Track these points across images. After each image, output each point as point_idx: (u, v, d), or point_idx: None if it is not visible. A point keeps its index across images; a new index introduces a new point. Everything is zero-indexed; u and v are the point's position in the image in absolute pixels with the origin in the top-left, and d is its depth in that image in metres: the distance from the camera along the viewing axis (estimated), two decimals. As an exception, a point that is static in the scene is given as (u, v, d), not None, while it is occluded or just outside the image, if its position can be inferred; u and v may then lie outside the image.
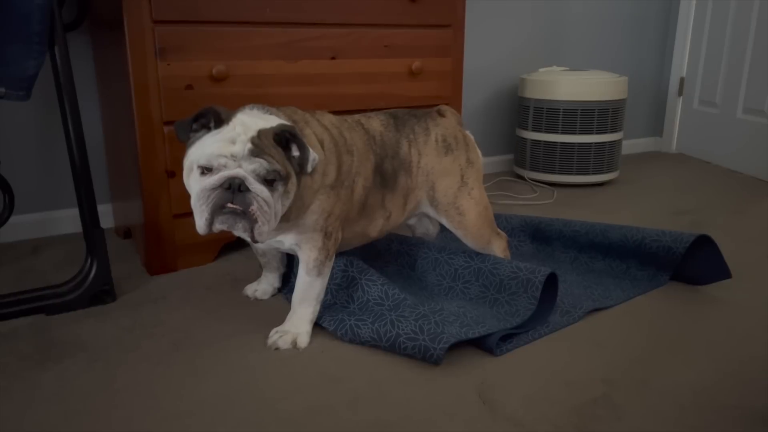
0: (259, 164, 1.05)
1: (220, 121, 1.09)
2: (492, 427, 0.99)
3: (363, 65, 1.74)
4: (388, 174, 1.33)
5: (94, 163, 1.83)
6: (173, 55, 1.47)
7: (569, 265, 1.62)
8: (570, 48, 2.87)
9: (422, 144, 1.38)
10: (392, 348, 1.20)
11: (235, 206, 1.04)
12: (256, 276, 1.53)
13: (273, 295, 1.46)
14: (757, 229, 1.97)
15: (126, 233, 1.84)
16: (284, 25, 1.60)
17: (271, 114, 1.15)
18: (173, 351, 1.21)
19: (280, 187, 1.08)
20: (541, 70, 2.60)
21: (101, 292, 1.40)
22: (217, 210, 1.05)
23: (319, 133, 1.21)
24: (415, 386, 1.10)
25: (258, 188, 1.05)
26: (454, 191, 1.41)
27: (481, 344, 1.21)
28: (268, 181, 1.06)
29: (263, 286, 1.45)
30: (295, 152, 1.11)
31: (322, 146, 1.20)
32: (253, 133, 1.07)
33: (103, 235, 1.41)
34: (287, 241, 1.22)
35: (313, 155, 1.11)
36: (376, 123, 1.35)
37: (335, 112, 1.34)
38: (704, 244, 1.48)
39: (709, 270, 1.49)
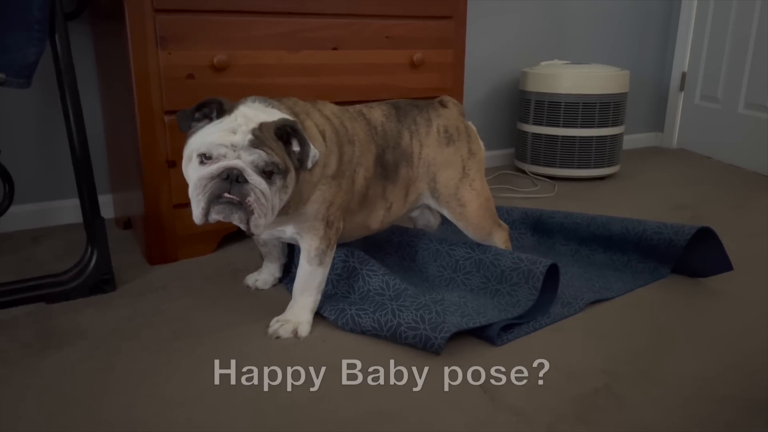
0: (258, 155, 1.04)
1: (222, 112, 1.09)
2: (493, 416, 0.99)
3: (364, 56, 1.74)
4: (389, 165, 1.33)
5: (94, 154, 1.81)
6: (174, 44, 1.46)
7: (570, 258, 1.62)
8: (572, 42, 2.86)
9: (424, 135, 1.38)
10: (393, 337, 1.19)
11: (231, 196, 1.04)
12: (256, 267, 1.53)
13: (273, 286, 1.45)
14: (758, 224, 1.97)
15: (126, 224, 1.83)
16: (286, 15, 1.59)
17: (272, 107, 1.15)
18: (173, 340, 1.21)
19: (278, 181, 1.07)
20: (542, 63, 2.59)
21: (101, 282, 1.40)
22: (214, 199, 1.04)
23: (320, 124, 1.20)
24: (416, 375, 1.09)
25: (256, 180, 1.04)
26: (456, 182, 1.40)
27: (482, 334, 1.21)
28: (267, 174, 1.06)
29: (264, 276, 1.45)
30: (296, 147, 1.10)
31: (324, 137, 1.19)
32: (254, 124, 1.07)
33: (103, 225, 1.40)
34: (288, 230, 1.22)
35: (314, 151, 1.11)
36: (377, 113, 1.35)
37: (337, 104, 1.34)
38: (706, 236, 1.48)
39: (711, 262, 1.49)
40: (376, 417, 0.98)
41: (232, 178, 1.03)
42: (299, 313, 1.25)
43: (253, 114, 1.09)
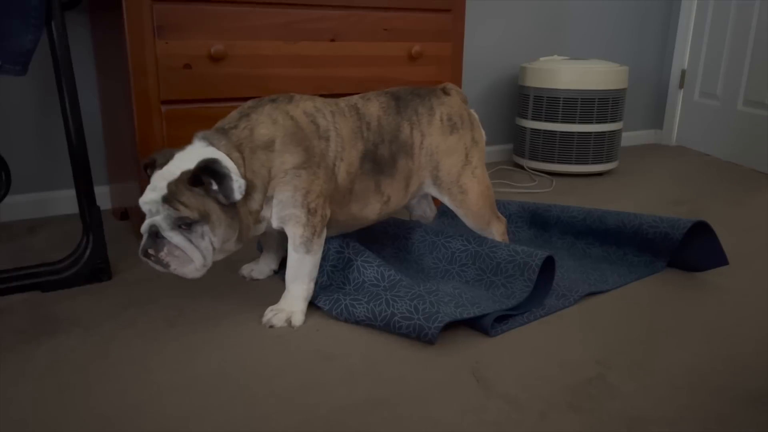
0: (168, 212, 1.09)
1: (154, 167, 1.14)
2: (485, 404, 0.99)
3: (362, 48, 1.74)
4: (384, 159, 1.32)
5: (92, 147, 1.83)
6: (171, 33, 1.46)
7: (566, 251, 1.62)
8: (571, 37, 2.86)
9: (426, 124, 1.38)
10: (387, 327, 1.20)
11: (151, 252, 1.11)
12: (252, 258, 1.53)
13: (269, 277, 1.45)
14: (756, 220, 1.97)
15: (123, 215, 1.84)
16: (283, 5, 1.59)
17: (213, 145, 1.14)
18: (168, 328, 1.21)
19: (199, 228, 1.11)
20: (541, 58, 2.59)
21: (97, 270, 1.40)
22: (145, 254, 1.11)
23: (269, 134, 1.19)
24: (410, 364, 1.10)
25: (169, 234, 1.09)
26: (458, 170, 1.40)
27: (476, 325, 1.21)
28: (186, 225, 1.09)
29: (260, 267, 1.45)
30: (215, 186, 1.10)
31: (271, 147, 1.18)
32: (172, 177, 1.09)
33: (99, 213, 1.40)
34: (274, 221, 1.23)
35: (239, 183, 1.10)
36: (374, 107, 1.34)
37: (334, 95, 1.33)
38: (701, 230, 1.48)
39: (706, 256, 1.49)
40: (369, 404, 0.98)
41: (152, 235, 1.10)
42: (292, 302, 1.25)
43: (178, 164, 1.11)
